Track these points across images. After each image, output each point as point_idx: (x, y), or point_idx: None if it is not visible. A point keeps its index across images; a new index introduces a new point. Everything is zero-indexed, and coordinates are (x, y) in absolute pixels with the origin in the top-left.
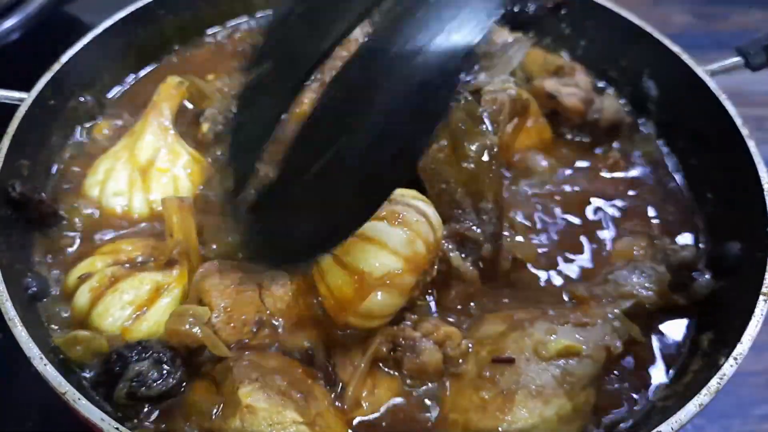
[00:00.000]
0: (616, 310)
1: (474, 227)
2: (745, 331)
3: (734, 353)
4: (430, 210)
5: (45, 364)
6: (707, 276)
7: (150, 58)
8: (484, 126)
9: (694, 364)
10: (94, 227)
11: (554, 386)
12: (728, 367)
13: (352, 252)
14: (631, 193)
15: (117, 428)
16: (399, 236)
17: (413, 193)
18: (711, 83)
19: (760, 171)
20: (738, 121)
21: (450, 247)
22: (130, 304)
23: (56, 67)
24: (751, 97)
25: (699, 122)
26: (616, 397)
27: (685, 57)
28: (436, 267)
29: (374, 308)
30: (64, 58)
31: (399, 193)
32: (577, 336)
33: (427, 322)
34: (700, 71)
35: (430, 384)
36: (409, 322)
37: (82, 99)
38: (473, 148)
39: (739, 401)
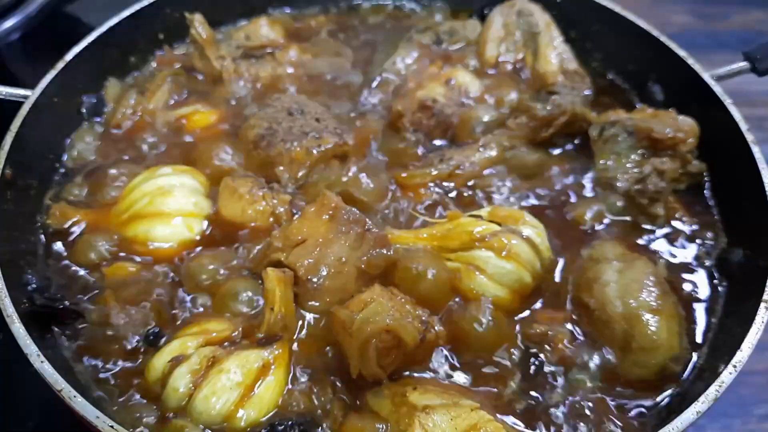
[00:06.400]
0: None
1: None
2: (745, 338)
3: (733, 360)
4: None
5: (42, 362)
6: None
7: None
8: None
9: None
10: None
11: None
12: (727, 375)
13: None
14: None
15: (112, 426)
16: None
17: (523, 216)
18: (716, 88)
19: (764, 177)
20: (743, 127)
21: None
22: (240, 385)
23: (60, 65)
24: (752, 97)
25: (704, 127)
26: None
27: (691, 61)
28: None
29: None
30: (69, 55)
31: (508, 215)
32: None
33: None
34: (706, 76)
35: None
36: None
37: (86, 98)
38: None
39: (740, 401)
